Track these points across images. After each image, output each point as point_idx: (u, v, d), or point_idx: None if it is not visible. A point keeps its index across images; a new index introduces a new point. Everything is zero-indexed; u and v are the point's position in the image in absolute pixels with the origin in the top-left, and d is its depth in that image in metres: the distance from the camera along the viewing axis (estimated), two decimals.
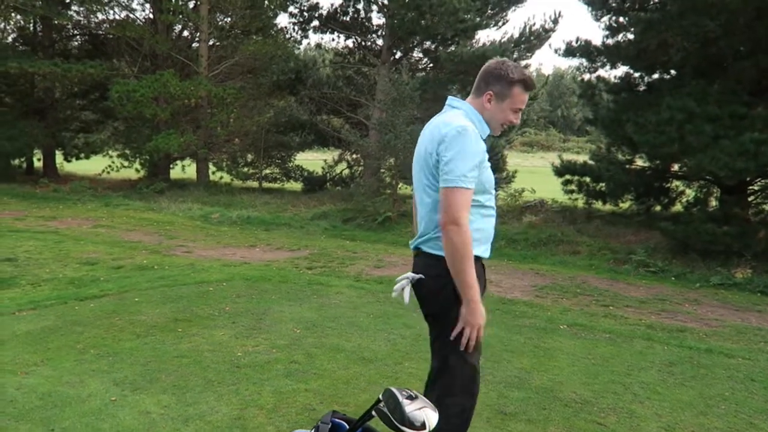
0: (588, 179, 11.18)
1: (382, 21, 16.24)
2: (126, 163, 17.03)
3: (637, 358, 4.34)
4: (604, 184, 10.84)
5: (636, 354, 4.45)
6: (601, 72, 11.42)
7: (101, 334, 4.32)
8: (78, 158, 18.72)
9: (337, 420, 1.50)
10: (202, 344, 4.17)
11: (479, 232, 2.16)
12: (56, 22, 17.12)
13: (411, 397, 1.26)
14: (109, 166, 17.03)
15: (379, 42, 16.68)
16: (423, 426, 1.22)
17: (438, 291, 2.14)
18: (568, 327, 5.11)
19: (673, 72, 10.06)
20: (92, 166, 18.54)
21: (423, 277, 2.17)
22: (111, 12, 17.47)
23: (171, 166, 17.90)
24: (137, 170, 17.50)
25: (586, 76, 11.57)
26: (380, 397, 1.29)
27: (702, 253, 8.30)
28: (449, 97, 2.30)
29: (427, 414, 1.24)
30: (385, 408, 1.26)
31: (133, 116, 15.49)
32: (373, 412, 1.30)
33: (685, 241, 8.57)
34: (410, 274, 2.20)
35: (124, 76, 16.17)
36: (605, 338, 4.83)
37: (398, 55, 16.48)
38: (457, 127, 2.06)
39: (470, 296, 2.03)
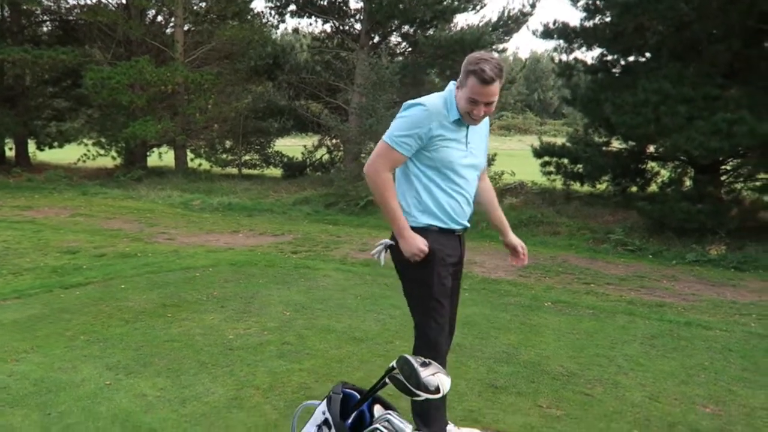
0: (566, 161, 11.33)
1: (360, 5, 16.14)
2: (102, 152, 16.74)
3: (620, 332, 4.47)
4: (581, 166, 11.00)
5: (619, 328, 4.58)
6: (578, 54, 11.55)
7: (90, 320, 4.31)
8: (51, 147, 18.29)
9: (348, 390, 1.54)
10: (193, 328, 4.19)
11: (438, 208, 2.42)
12: (25, 7, 16.62)
13: (425, 364, 1.32)
14: (85, 154, 16.73)
15: (358, 26, 16.57)
16: (437, 390, 1.28)
17: (396, 253, 2.45)
18: (552, 304, 5.23)
19: (648, 55, 10.21)
20: (66, 154, 18.16)
21: (393, 243, 2.46)
22: None
23: (148, 153, 17.63)
24: (113, 158, 17.22)
25: (563, 57, 11.68)
26: (394, 364, 1.34)
27: (677, 232, 8.51)
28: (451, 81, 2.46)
29: (440, 379, 1.30)
30: (400, 374, 1.31)
31: (108, 104, 15.19)
32: (387, 380, 1.35)
33: (661, 220, 8.78)
34: (386, 240, 2.49)
35: (98, 63, 15.81)
36: (588, 314, 4.96)
37: (377, 39, 16.40)
38: (415, 101, 2.36)
39: (397, 230, 2.39)
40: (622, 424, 2.98)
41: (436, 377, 1.29)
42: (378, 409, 1.49)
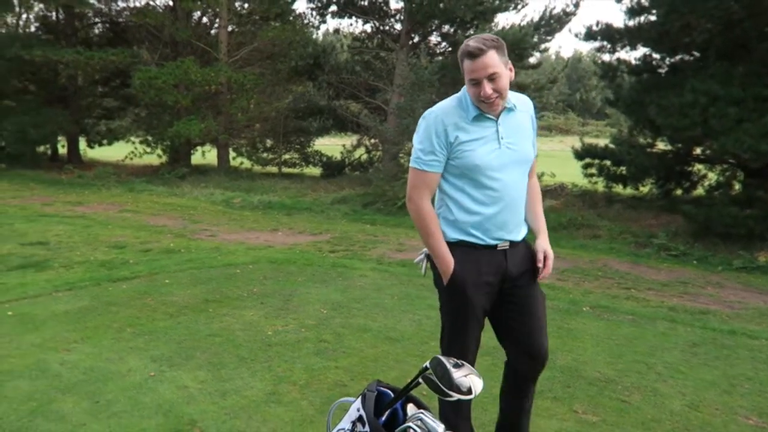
0: (609, 163, 11.12)
1: (400, 5, 16.18)
2: (148, 149, 17.30)
3: (660, 339, 4.38)
4: (624, 168, 10.77)
5: (659, 335, 4.49)
6: (622, 54, 11.32)
7: (135, 313, 4.48)
8: (101, 145, 19.06)
9: (382, 388, 1.58)
10: (233, 324, 4.31)
11: (470, 222, 2.18)
12: (77, 10, 17.33)
13: (457, 365, 1.35)
14: (132, 152, 17.32)
15: (398, 26, 16.62)
16: (469, 391, 1.31)
17: (434, 265, 2.31)
18: (591, 309, 5.16)
19: (696, 54, 9.93)
20: (115, 152, 18.85)
21: None
22: (131, 0, 17.67)
23: (192, 152, 18.12)
24: (159, 156, 17.76)
25: (606, 57, 11.47)
26: (427, 365, 1.37)
27: (723, 237, 8.25)
28: None
29: (473, 380, 1.32)
30: (433, 375, 1.34)
31: (155, 103, 15.69)
32: (420, 380, 1.39)
33: (706, 225, 8.52)
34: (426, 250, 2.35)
35: (146, 64, 16.34)
36: (628, 320, 4.87)
37: (417, 39, 16.42)
38: (423, 114, 2.23)
39: (434, 256, 2.23)
40: None
41: (469, 378, 1.32)
42: (411, 408, 1.52)
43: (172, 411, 2.92)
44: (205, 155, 18.72)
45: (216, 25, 17.31)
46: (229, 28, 16.82)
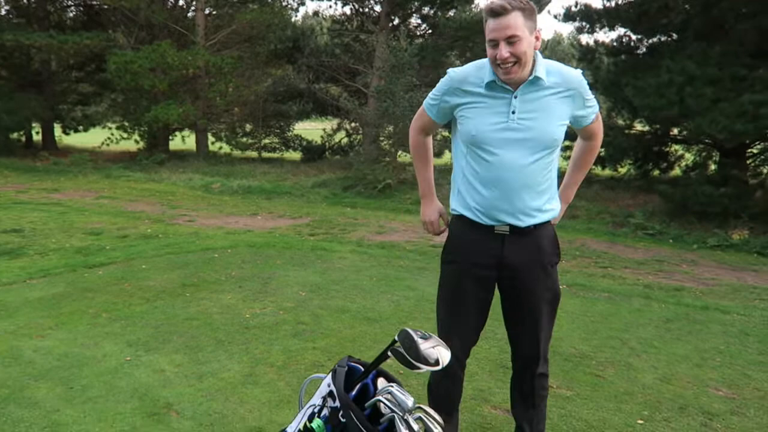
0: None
1: None
2: (125, 135, 17.01)
3: (635, 316, 4.45)
4: (603, 149, 10.85)
5: (634, 312, 4.56)
6: (600, 35, 11.36)
7: (112, 299, 4.43)
8: (77, 131, 18.70)
9: (352, 364, 1.58)
10: (210, 307, 4.28)
11: (469, 195, 2.09)
12: None
13: (425, 337, 1.35)
14: (109, 138, 17.02)
15: (377, 8, 16.47)
16: (437, 362, 1.31)
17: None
18: (568, 287, 5.21)
19: (673, 35, 9.99)
20: (91, 138, 18.53)
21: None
22: None
23: (170, 137, 17.88)
24: (136, 142, 17.50)
25: (584, 38, 11.51)
26: (396, 338, 1.37)
27: (699, 216, 8.39)
28: None
29: (440, 352, 1.33)
30: (401, 347, 1.34)
31: (131, 88, 15.40)
32: (389, 353, 1.39)
33: (683, 204, 8.66)
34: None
35: (121, 48, 16.02)
36: (604, 297, 4.94)
37: (396, 21, 16.30)
38: None
39: (420, 193, 2.33)
40: (632, 405, 2.98)
41: (436, 350, 1.32)
42: (381, 382, 1.52)
43: (148, 394, 2.90)
44: (185, 140, 18.48)
45: (193, 8, 17.02)
46: (207, 11, 16.54)
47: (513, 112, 1.95)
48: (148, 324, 3.90)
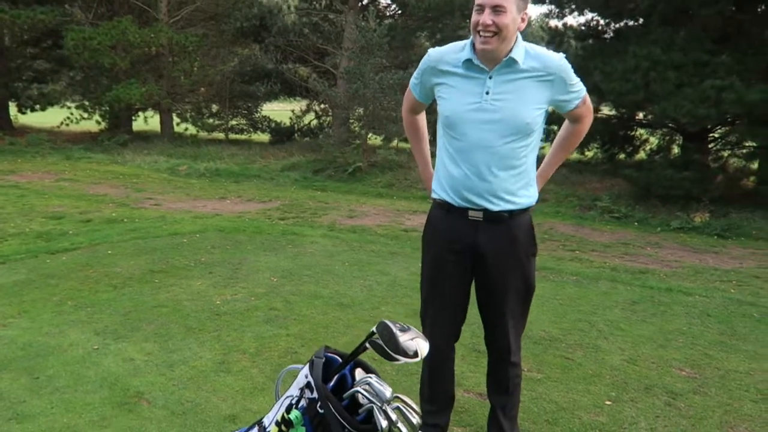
0: (555, 128, 11.31)
1: None
2: (85, 115, 16.44)
3: (602, 298, 4.56)
4: None
5: (601, 294, 4.67)
6: (569, 19, 11.45)
7: (77, 286, 4.31)
8: (33, 110, 17.96)
9: (330, 354, 1.57)
10: (180, 294, 4.21)
11: (444, 176, 2.09)
12: None
13: (403, 329, 1.34)
14: (68, 117, 16.44)
15: None
16: (416, 354, 1.31)
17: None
18: (537, 271, 5.27)
19: (640, 19, 10.13)
20: (49, 118, 17.87)
21: None
22: None
23: (133, 117, 17.38)
24: (98, 122, 16.96)
25: (553, 22, 11.58)
26: (374, 329, 1.36)
27: (663, 199, 8.60)
28: None
29: (419, 343, 1.32)
30: (380, 339, 1.33)
31: (91, 65, 14.87)
32: (367, 344, 1.38)
33: (647, 188, 8.86)
34: None
35: (79, 23, 15.40)
36: (572, 280, 5.04)
37: (365, 1, 16.08)
38: None
39: (419, 170, 2.42)
40: (600, 386, 3.06)
41: (415, 342, 1.32)
42: (359, 373, 1.52)
43: (118, 384, 2.84)
44: (148, 121, 18.00)
45: None
46: None
47: (487, 93, 1.94)
48: (115, 311, 3.82)
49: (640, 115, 10.40)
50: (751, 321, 4.16)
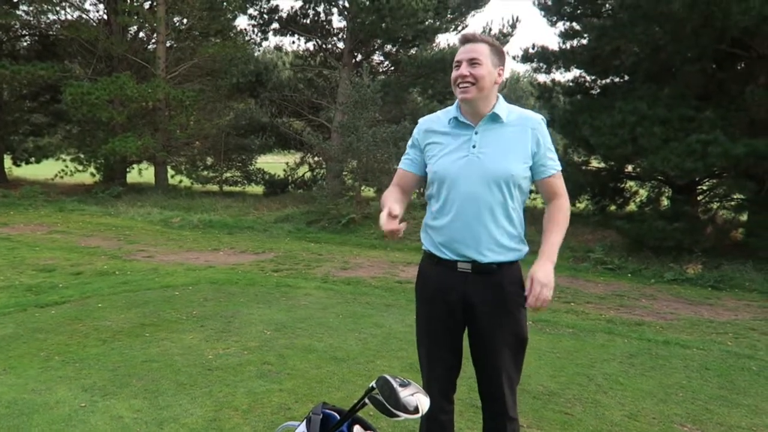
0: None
1: (342, 24, 16.32)
2: (80, 167, 16.55)
3: (600, 351, 4.51)
4: None
5: (598, 347, 4.62)
6: (557, 75, 11.82)
7: (65, 340, 4.22)
8: (28, 162, 18.10)
9: (327, 411, 1.54)
10: (171, 348, 4.12)
11: (432, 230, 2.13)
12: (2, 21, 16.50)
13: (404, 384, 1.32)
14: (62, 170, 16.53)
15: (340, 45, 16.73)
16: (416, 410, 1.28)
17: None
18: (533, 323, 5.25)
19: (625, 76, 10.45)
20: (43, 170, 17.95)
21: None
22: (62, 12, 16.96)
23: (128, 170, 17.49)
24: (92, 174, 17.04)
25: (542, 77, 11.93)
26: (373, 384, 1.34)
27: (655, 250, 8.65)
28: None
29: (419, 399, 1.30)
30: (380, 395, 1.31)
31: (88, 119, 15.07)
32: (366, 400, 1.35)
33: (639, 239, 8.92)
34: None
35: (77, 78, 15.71)
36: (569, 333, 4.99)
37: (359, 57, 16.55)
38: None
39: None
40: None
41: (415, 397, 1.29)
42: (357, 430, 1.48)
43: None
44: (142, 173, 18.11)
45: (153, 41, 16.89)
46: (168, 44, 16.43)
47: (474, 146, 2.03)
48: (104, 367, 3.73)
49: (630, 168, 10.58)
50: (750, 374, 4.11)
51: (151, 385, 3.45)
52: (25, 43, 18.82)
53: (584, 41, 10.65)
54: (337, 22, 16.93)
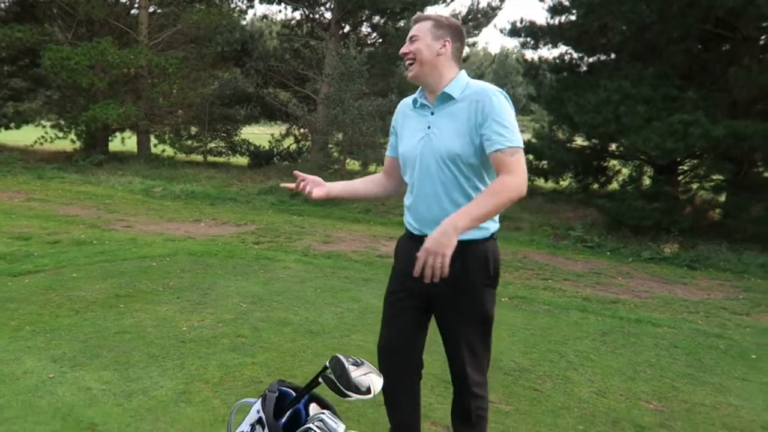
0: (531, 157, 11.47)
1: None
2: (61, 134, 16.23)
3: (573, 329, 4.56)
4: (546, 162, 11.16)
5: (572, 324, 4.67)
6: (544, 52, 11.74)
7: (37, 310, 4.18)
8: (7, 128, 17.66)
9: (284, 388, 1.53)
10: (145, 320, 4.11)
11: (405, 201, 2.22)
12: None
13: (356, 364, 1.31)
14: (42, 136, 16.19)
15: (328, 15, 16.43)
16: (368, 391, 1.27)
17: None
18: (509, 300, 5.30)
19: (612, 55, 10.40)
20: (23, 136, 17.57)
21: None
22: None
23: (110, 138, 17.19)
24: (73, 141, 16.73)
25: (529, 54, 11.86)
26: (327, 364, 1.33)
27: (634, 229, 8.72)
28: None
29: (372, 379, 1.29)
30: (332, 374, 1.30)
31: (68, 85, 14.73)
32: (320, 379, 1.34)
33: (618, 218, 8.98)
34: None
35: (57, 42, 15.29)
36: (544, 310, 5.04)
37: (347, 29, 16.29)
38: None
39: None
40: (569, 419, 3.04)
41: (368, 377, 1.29)
42: (314, 408, 1.48)
43: (71, 415, 2.74)
44: (125, 142, 17.81)
45: (136, 5, 16.44)
46: (151, 9, 16.02)
47: (429, 127, 2.08)
48: (75, 338, 3.70)
49: (613, 147, 10.60)
50: (717, 353, 4.20)
51: (122, 357, 3.44)
52: (2, 5, 18.22)
53: (572, 17, 10.55)
54: None
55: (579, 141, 11.07)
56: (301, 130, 16.93)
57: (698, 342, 4.41)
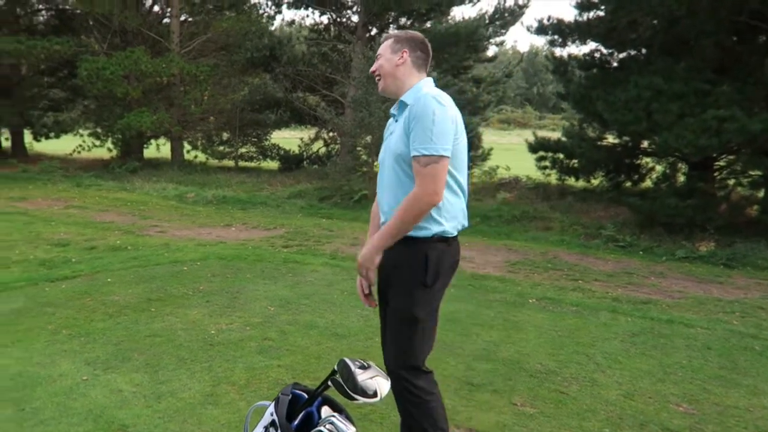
0: (561, 156, 11.32)
1: None
2: (98, 143, 16.72)
3: (602, 330, 4.49)
4: (576, 161, 10.99)
5: (600, 326, 4.60)
6: (572, 48, 11.54)
7: (73, 314, 4.32)
8: (48, 137, 18.30)
9: (297, 391, 1.56)
10: (175, 323, 4.21)
11: None
12: None
13: (363, 367, 1.33)
14: (80, 145, 16.71)
15: (354, 18, 16.49)
16: (375, 394, 1.29)
17: None
18: (537, 301, 5.24)
19: (642, 50, 10.18)
20: (63, 145, 18.17)
21: None
22: None
23: (145, 145, 17.63)
24: (109, 149, 17.21)
25: (558, 51, 11.69)
26: (335, 368, 1.35)
27: (667, 228, 8.51)
28: None
29: (379, 383, 1.31)
30: (340, 378, 1.32)
31: (104, 94, 15.16)
32: (329, 383, 1.37)
33: (651, 216, 8.78)
34: None
35: (93, 53, 15.77)
36: (572, 311, 4.98)
37: (374, 31, 16.32)
38: None
39: None
40: (595, 422, 3.00)
41: (374, 381, 1.30)
42: (326, 410, 1.50)
43: (103, 416, 2.83)
44: (160, 149, 18.24)
45: (168, 15, 16.83)
46: (182, 18, 16.38)
47: (391, 133, 2.26)
48: (108, 341, 3.82)
49: (645, 144, 10.36)
50: (752, 354, 4.07)
51: (152, 360, 3.53)
52: (41, 18, 18.90)
53: (601, 13, 10.36)
54: None
55: (610, 139, 10.86)
56: (330, 134, 17.04)
57: (732, 343, 4.29)
